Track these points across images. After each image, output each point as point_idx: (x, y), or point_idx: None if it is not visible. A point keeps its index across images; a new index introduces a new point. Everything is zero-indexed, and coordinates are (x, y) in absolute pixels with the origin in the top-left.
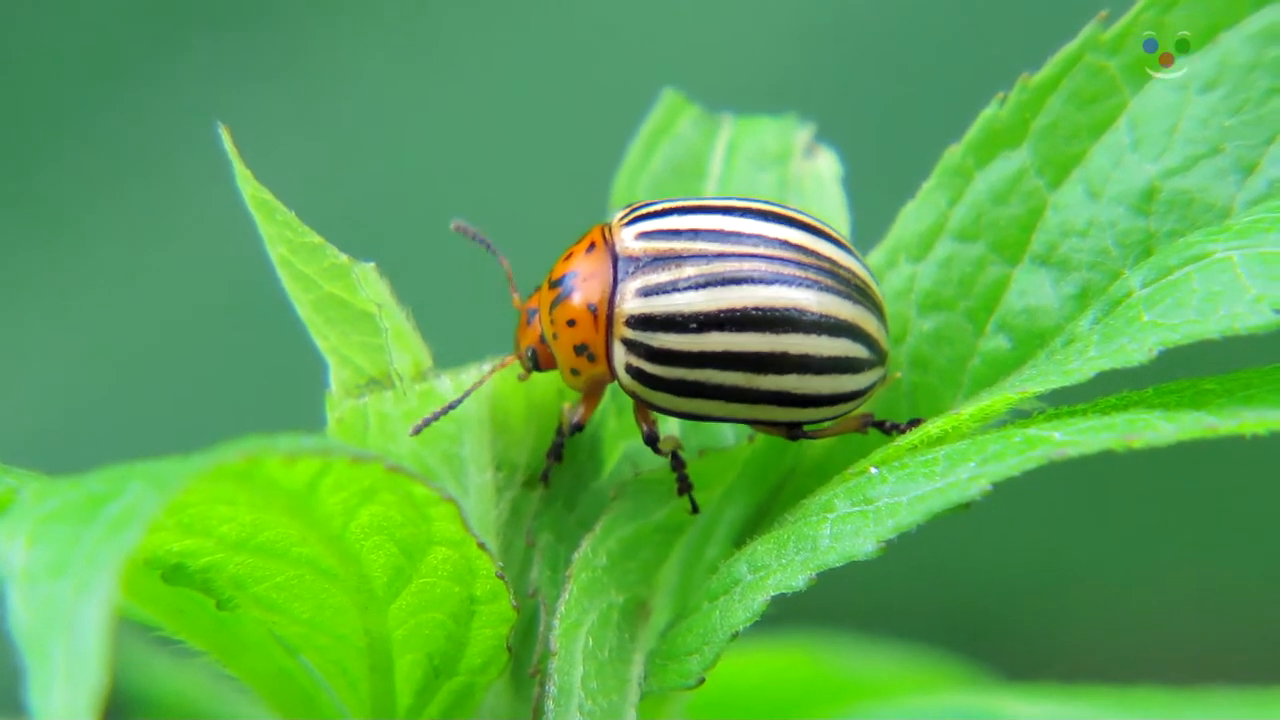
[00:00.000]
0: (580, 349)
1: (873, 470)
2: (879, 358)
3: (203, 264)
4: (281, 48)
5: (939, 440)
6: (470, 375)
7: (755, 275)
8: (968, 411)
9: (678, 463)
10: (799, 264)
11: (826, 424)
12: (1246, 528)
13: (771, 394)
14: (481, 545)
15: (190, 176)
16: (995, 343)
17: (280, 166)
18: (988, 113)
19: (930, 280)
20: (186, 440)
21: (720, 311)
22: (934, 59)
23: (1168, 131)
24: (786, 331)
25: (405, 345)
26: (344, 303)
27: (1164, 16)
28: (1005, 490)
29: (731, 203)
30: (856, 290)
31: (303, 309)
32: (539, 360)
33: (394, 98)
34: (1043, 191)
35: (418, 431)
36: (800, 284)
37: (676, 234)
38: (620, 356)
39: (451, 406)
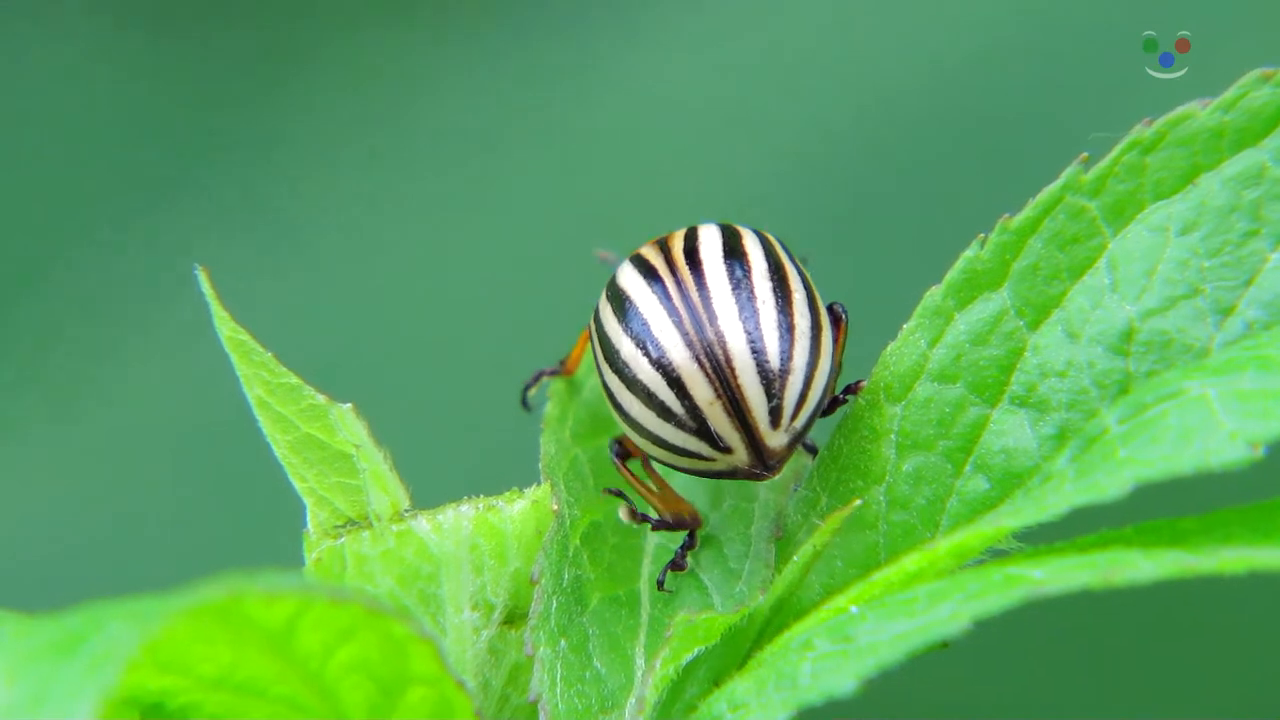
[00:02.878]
0: None
1: (852, 609)
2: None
3: (176, 404)
4: (252, 190)
5: (916, 576)
6: (449, 516)
7: None
8: (943, 547)
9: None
10: None
11: None
12: None
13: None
14: (459, 684)
15: (161, 319)
16: (973, 483)
17: (257, 308)
18: (968, 254)
19: (909, 421)
20: (159, 581)
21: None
22: (916, 199)
23: (1147, 273)
24: None
25: (383, 486)
26: (322, 444)
27: (1144, 159)
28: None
29: None
30: None
31: (280, 450)
32: None
33: (370, 237)
34: (1022, 333)
35: None
36: None
37: None
38: None
39: None
